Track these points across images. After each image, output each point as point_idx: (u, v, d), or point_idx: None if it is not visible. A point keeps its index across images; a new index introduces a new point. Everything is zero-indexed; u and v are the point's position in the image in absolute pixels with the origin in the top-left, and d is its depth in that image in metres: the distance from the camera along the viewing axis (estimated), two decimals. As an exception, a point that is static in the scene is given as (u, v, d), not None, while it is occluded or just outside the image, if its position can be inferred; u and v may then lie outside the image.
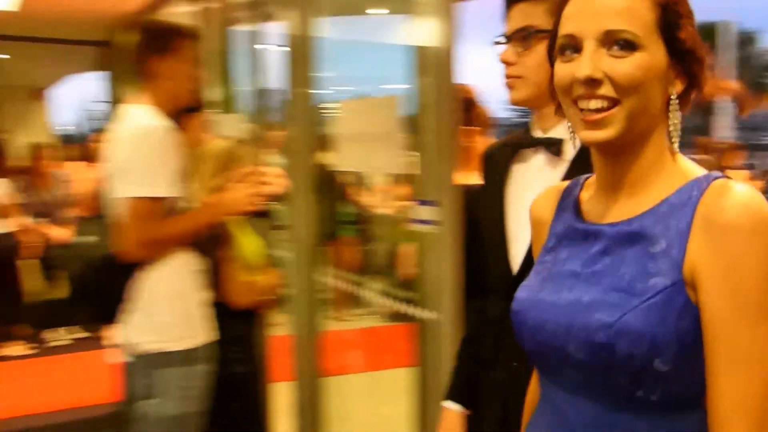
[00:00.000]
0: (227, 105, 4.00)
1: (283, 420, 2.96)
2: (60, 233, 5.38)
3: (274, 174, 2.41)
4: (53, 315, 5.59)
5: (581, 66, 0.91)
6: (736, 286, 0.85)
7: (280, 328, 3.04)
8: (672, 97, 0.94)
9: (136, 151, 2.05)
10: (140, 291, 2.14)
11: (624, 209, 0.96)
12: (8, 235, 5.18)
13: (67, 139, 14.57)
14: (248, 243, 2.49)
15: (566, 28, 0.94)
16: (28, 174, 5.42)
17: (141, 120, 2.10)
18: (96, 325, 5.25)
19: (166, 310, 2.15)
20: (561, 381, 0.96)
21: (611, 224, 0.95)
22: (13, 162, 5.67)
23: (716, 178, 0.91)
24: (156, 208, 2.08)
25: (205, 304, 2.26)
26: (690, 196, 0.90)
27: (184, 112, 2.41)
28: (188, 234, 2.19)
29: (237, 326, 2.45)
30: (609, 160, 0.96)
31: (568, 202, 1.05)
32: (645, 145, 0.94)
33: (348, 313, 5.98)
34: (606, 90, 0.90)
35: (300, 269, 2.92)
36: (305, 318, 2.95)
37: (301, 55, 2.94)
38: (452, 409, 1.52)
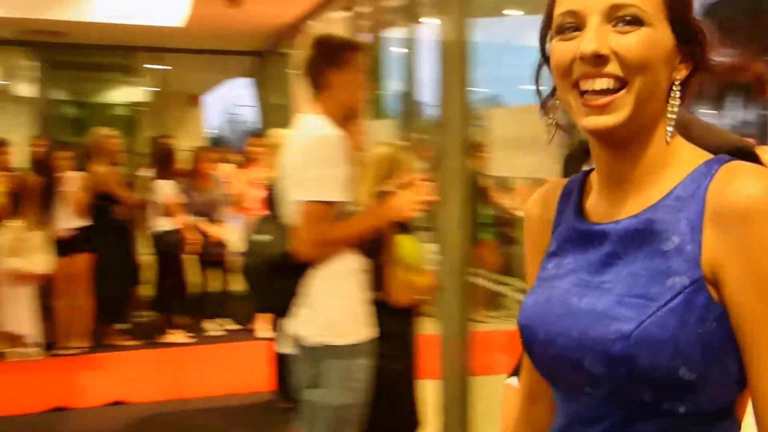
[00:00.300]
0: (378, 110, 4.14)
1: (430, 416, 3.04)
2: (217, 231, 5.78)
3: (427, 179, 2.50)
4: (209, 307, 6.02)
5: (586, 41, 0.82)
6: (765, 276, 0.77)
7: (428, 327, 3.13)
8: (675, 82, 0.86)
9: (312, 158, 2.21)
10: (310, 288, 2.29)
11: (630, 205, 0.87)
12: (173, 232, 5.62)
13: (215, 142, 15.42)
14: (407, 245, 2.60)
15: (565, 4, 0.85)
16: (190, 176, 5.83)
17: (316, 128, 2.25)
18: (252, 318, 5.61)
19: (333, 307, 2.29)
20: (578, 398, 0.87)
21: (617, 222, 0.87)
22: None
23: (725, 162, 0.83)
24: (328, 211, 2.22)
25: (367, 302, 2.38)
26: (699, 185, 0.82)
27: (346, 119, 2.54)
28: (355, 236, 2.32)
29: (394, 324, 2.56)
30: (612, 152, 0.87)
31: (569, 202, 0.95)
32: (650, 134, 0.86)
33: (485, 314, 6.00)
34: (613, 68, 0.82)
35: (451, 271, 3.00)
36: (455, 318, 3.02)
37: (454, 58, 2.99)
38: (515, 386, 1.53)
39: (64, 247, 5.30)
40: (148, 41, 7.28)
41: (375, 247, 2.46)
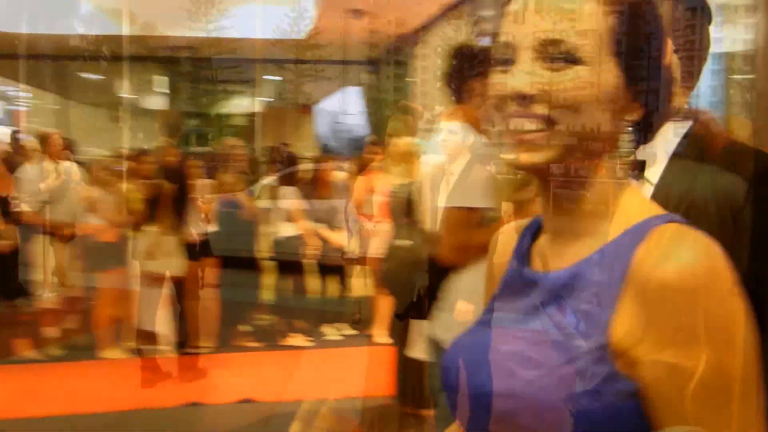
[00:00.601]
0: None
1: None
2: (337, 237, 5.92)
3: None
4: (328, 312, 6.17)
5: (513, 79, 0.78)
6: (679, 355, 0.69)
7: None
8: (626, 124, 0.79)
9: (456, 165, 2.26)
10: (449, 292, 2.33)
11: (566, 256, 0.81)
12: (294, 238, 5.82)
13: (324, 150, 15.77)
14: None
15: (504, 34, 0.81)
16: (311, 182, 6.02)
17: (458, 136, 2.29)
18: (370, 323, 5.71)
19: (473, 311, 2.32)
20: None
21: (548, 272, 0.81)
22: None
23: (664, 221, 0.75)
24: (470, 217, 2.26)
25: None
26: (628, 247, 0.74)
27: (485, 127, 2.57)
28: (496, 242, 2.34)
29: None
30: (550, 195, 0.81)
31: (521, 246, 0.90)
32: (591, 178, 0.79)
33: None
34: (540, 108, 0.76)
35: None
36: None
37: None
38: None
39: (194, 251, 5.58)
40: (271, 53, 7.59)
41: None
